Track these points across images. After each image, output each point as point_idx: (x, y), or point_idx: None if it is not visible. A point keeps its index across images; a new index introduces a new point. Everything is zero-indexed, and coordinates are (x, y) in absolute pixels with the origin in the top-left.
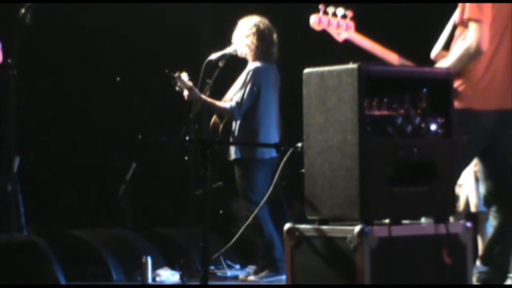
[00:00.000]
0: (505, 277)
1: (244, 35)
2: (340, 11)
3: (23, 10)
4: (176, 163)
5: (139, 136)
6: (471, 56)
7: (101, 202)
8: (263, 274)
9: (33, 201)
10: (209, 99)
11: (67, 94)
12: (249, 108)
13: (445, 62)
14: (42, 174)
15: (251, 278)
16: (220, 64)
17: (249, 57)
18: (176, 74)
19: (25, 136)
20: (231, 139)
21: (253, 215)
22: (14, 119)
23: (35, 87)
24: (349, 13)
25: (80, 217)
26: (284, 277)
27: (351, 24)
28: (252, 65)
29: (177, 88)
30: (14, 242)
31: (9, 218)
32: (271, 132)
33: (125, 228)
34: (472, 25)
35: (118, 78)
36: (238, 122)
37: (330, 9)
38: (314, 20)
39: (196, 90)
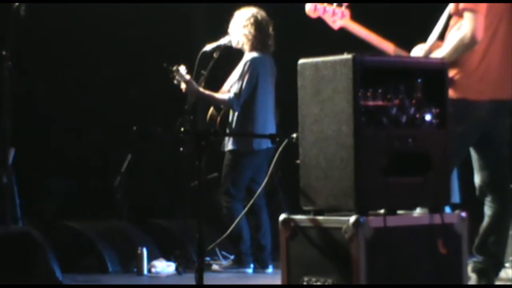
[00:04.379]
0: (500, 267)
1: (241, 25)
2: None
3: (17, 3)
4: (171, 154)
5: (134, 128)
6: (466, 46)
7: (97, 193)
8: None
9: (28, 192)
10: (207, 92)
11: (63, 86)
12: (247, 99)
13: (440, 52)
14: (38, 166)
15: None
16: (215, 55)
17: (246, 47)
18: (175, 68)
19: (20, 127)
20: (228, 131)
21: (249, 205)
22: (9, 110)
23: (31, 79)
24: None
25: (75, 208)
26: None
27: (347, 12)
28: (249, 55)
29: (175, 82)
30: (9, 233)
31: (5, 210)
32: (268, 123)
33: (120, 220)
34: (467, 15)
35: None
36: (236, 113)
37: None
38: (310, 8)
39: (194, 83)
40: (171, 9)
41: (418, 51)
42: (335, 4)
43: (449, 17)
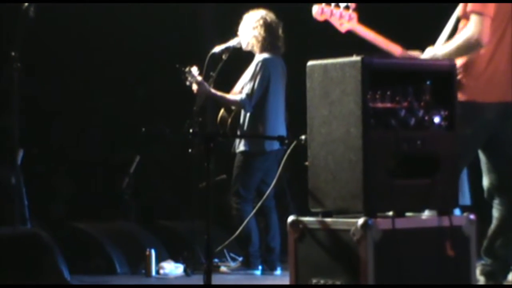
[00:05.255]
0: (508, 270)
1: (251, 27)
2: (343, 2)
3: (26, 3)
4: (180, 156)
5: (143, 129)
6: (470, 47)
7: (105, 195)
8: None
9: (36, 194)
10: (219, 93)
11: (71, 87)
12: (259, 100)
13: (443, 49)
14: (46, 167)
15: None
16: (224, 57)
17: (256, 49)
18: (187, 69)
19: (28, 128)
20: (239, 133)
21: (257, 206)
22: (17, 111)
23: (39, 80)
24: (352, 4)
25: (84, 210)
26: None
27: (354, 15)
28: (260, 56)
29: (187, 83)
30: (17, 234)
31: (13, 211)
32: (279, 124)
33: (128, 221)
34: (474, 18)
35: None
36: (247, 114)
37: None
38: (317, 11)
39: (206, 84)
40: (179, 10)
41: (428, 53)
42: (342, 7)
43: (458, 20)
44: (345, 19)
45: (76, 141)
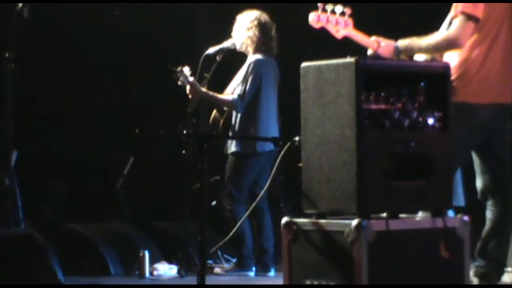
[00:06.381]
0: (502, 271)
1: (245, 28)
2: (339, 8)
3: (20, 4)
4: (174, 157)
5: (137, 130)
6: (447, 47)
7: (99, 196)
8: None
9: (30, 195)
10: (211, 93)
11: (66, 88)
12: (250, 101)
13: (421, 41)
14: (40, 168)
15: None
16: (218, 58)
17: (250, 49)
18: (179, 68)
19: (22, 130)
20: (231, 133)
21: (251, 208)
22: (11, 112)
23: (34, 81)
24: (348, 10)
25: (77, 211)
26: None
27: (350, 21)
28: (253, 57)
29: (179, 83)
30: (11, 235)
31: (7, 212)
32: (271, 125)
33: (122, 222)
34: (461, 19)
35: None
36: (239, 115)
37: (329, 7)
38: (313, 18)
39: (197, 85)
40: (174, 11)
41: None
42: (337, 13)
43: (451, 22)
44: (341, 26)
45: (70, 142)
